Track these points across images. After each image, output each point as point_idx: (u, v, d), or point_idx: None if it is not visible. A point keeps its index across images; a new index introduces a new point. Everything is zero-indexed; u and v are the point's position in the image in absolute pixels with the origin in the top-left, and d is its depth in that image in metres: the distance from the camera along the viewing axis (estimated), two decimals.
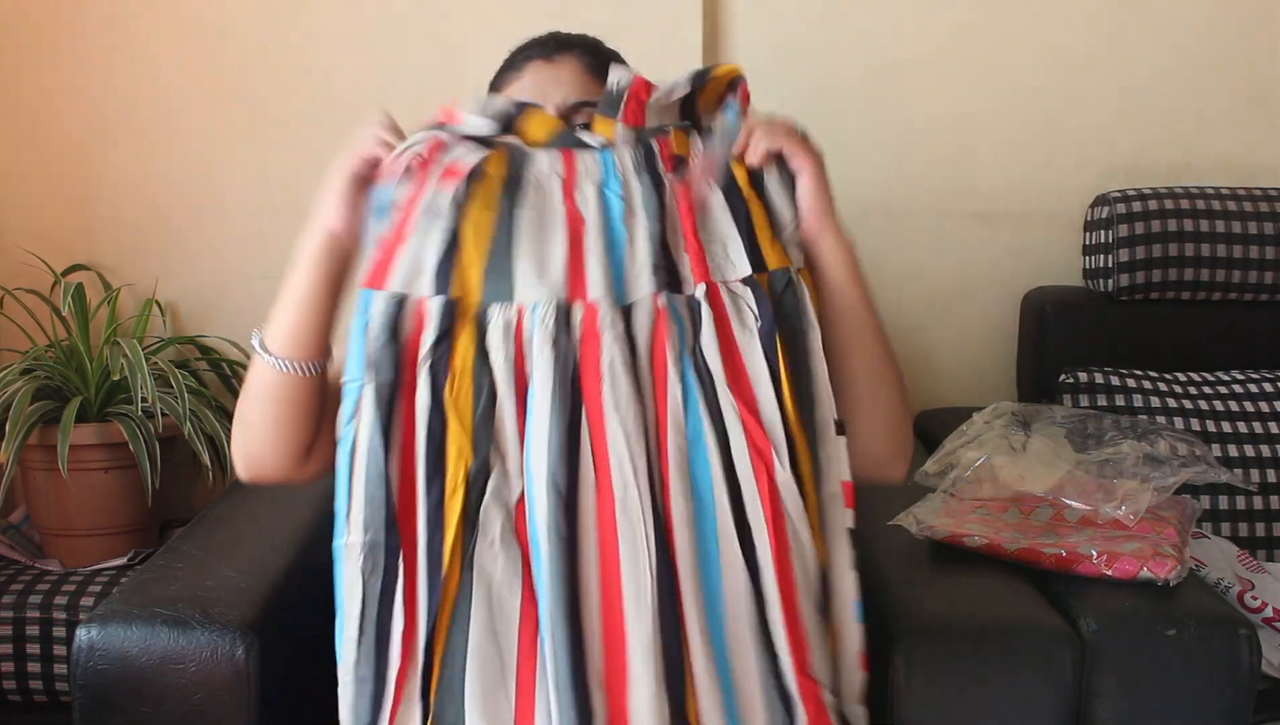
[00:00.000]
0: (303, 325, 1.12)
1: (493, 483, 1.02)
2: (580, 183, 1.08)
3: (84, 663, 1.16)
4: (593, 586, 1.00)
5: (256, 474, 1.17)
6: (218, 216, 2.03)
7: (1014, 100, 2.04)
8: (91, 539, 1.82)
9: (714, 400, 1.03)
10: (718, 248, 1.08)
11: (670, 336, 1.04)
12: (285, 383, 1.12)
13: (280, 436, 1.14)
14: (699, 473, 1.03)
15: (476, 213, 1.06)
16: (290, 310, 1.12)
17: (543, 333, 1.02)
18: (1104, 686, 1.23)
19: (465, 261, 1.04)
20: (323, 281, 1.12)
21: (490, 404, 1.02)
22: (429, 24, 1.98)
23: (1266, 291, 1.90)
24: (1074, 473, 1.46)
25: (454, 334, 1.03)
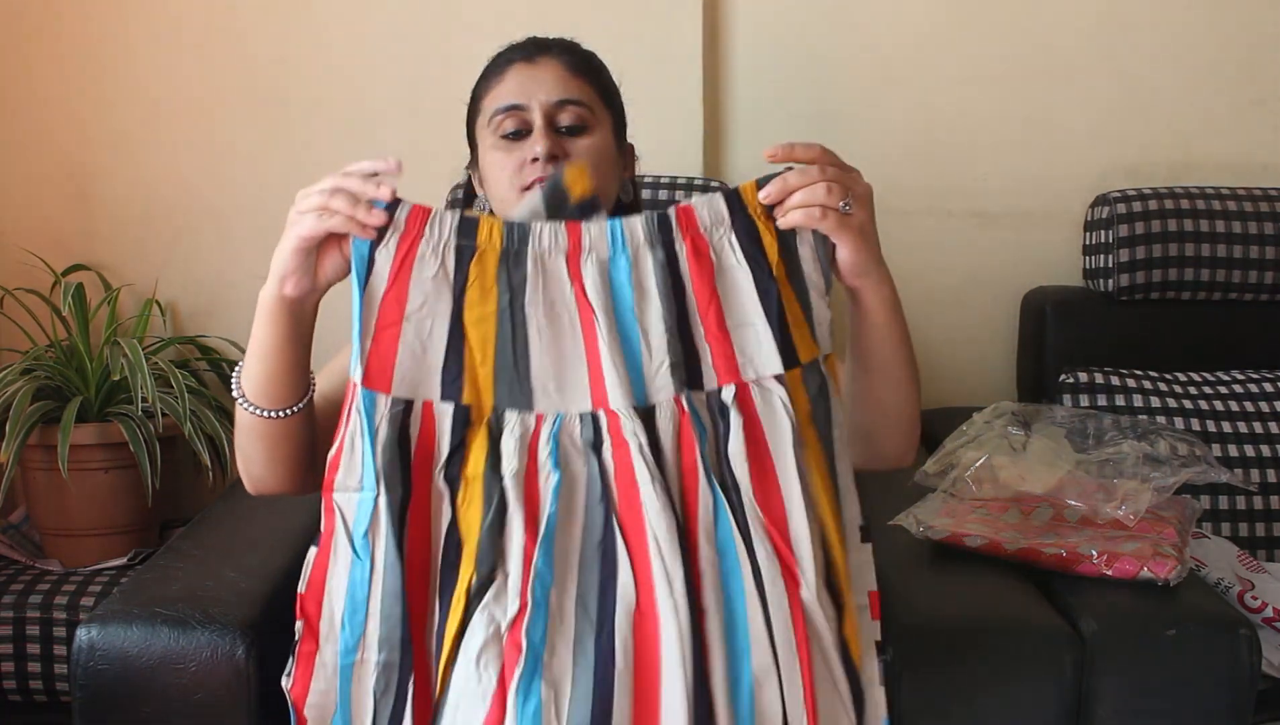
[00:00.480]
0: (273, 376, 1.10)
1: (487, 598, 0.98)
2: (585, 260, 1.01)
3: (84, 663, 1.16)
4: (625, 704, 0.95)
5: (261, 492, 1.18)
6: (218, 216, 2.03)
7: (1014, 100, 2.04)
8: (91, 539, 1.82)
9: (740, 512, 0.99)
10: (747, 336, 1.01)
11: (695, 441, 1.00)
12: (267, 425, 1.12)
13: (276, 464, 1.15)
14: (732, 587, 0.98)
15: (477, 303, 1.01)
16: (258, 364, 1.10)
17: (565, 446, 0.99)
18: (1104, 686, 1.23)
19: (473, 362, 1.01)
20: (285, 337, 1.09)
21: (500, 515, 0.99)
22: (429, 25, 1.98)
23: (1266, 291, 1.90)
24: (1074, 473, 1.46)
25: (468, 441, 1.00)
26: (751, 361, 1.01)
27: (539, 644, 0.96)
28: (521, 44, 1.29)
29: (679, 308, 1.01)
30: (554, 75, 1.24)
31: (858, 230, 1.05)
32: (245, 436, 1.14)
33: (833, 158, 1.05)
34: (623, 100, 1.31)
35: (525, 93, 1.22)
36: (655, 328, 1.01)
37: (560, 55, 1.26)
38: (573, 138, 1.21)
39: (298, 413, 1.12)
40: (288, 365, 1.10)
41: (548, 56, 1.26)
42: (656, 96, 1.97)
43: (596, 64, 1.30)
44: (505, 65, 1.27)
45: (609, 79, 1.31)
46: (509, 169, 1.20)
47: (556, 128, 1.21)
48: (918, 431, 1.19)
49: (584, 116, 1.23)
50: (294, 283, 1.06)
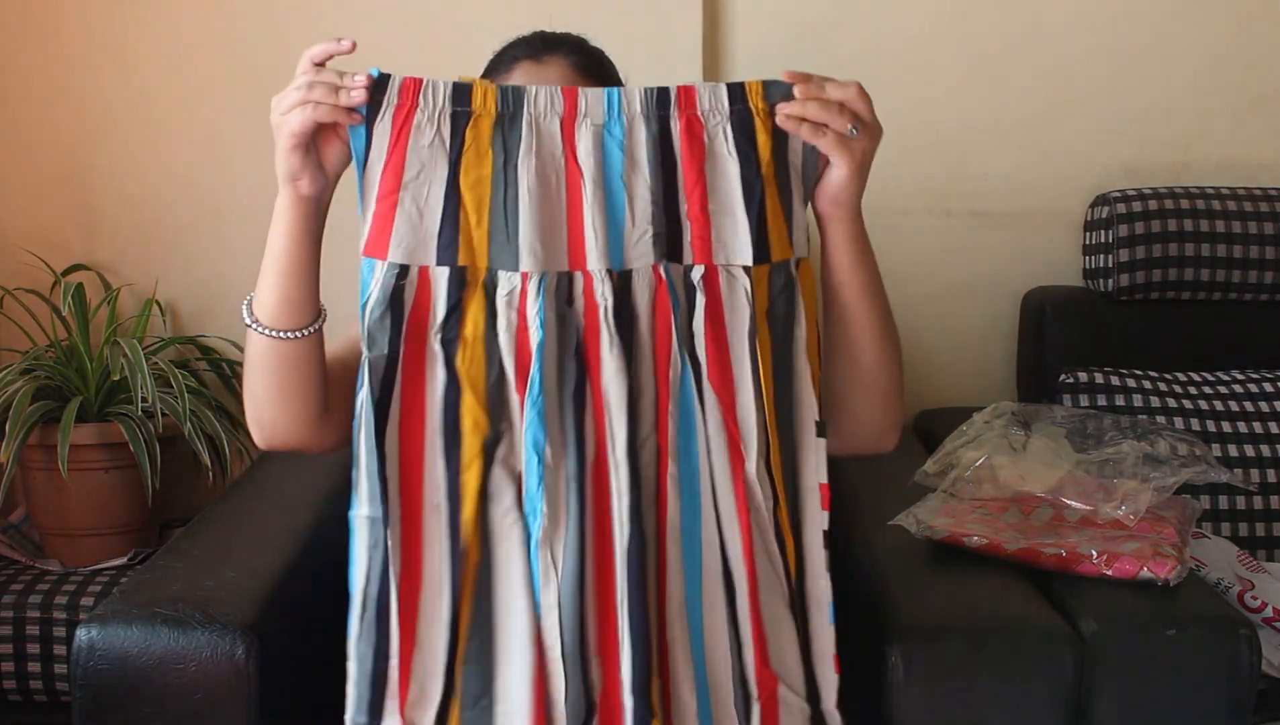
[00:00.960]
0: (286, 291, 1.11)
1: (501, 452, 1.02)
2: (580, 124, 1.04)
3: (84, 663, 1.16)
4: (590, 559, 1.01)
5: (272, 441, 1.17)
6: (218, 216, 2.03)
7: (1014, 100, 2.04)
8: (91, 539, 1.82)
9: (701, 384, 1.04)
10: (725, 223, 1.05)
11: (670, 310, 1.03)
12: (280, 349, 1.12)
13: (287, 402, 1.14)
14: (691, 448, 1.03)
15: (472, 166, 1.03)
16: (272, 278, 1.11)
17: (547, 305, 1.01)
18: (1104, 686, 1.23)
19: (469, 224, 1.03)
20: (299, 242, 1.10)
21: (501, 373, 1.02)
22: (430, 24, 1.98)
23: (1266, 291, 1.90)
24: (1074, 473, 1.46)
25: (464, 302, 1.03)
26: (725, 247, 1.04)
27: (536, 493, 1.00)
28: (529, 40, 1.29)
29: (667, 181, 1.04)
30: (560, 76, 1.24)
31: (855, 155, 1.07)
32: (257, 372, 1.13)
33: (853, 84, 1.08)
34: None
35: None
36: (641, 197, 1.03)
37: (568, 55, 1.26)
38: None
39: (310, 335, 1.12)
40: (303, 273, 1.11)
41: (555, 56, 1.25)
42: None
43: (604, 63, 1.30)
44: (512, 63, 1.26)
45: (616, 78, 1.31)
46: None
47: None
48: (899, 411, 1.18)
49: None
50: (308, 180, 1.07)
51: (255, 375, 1.14)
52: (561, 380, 1.02)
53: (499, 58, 1.30)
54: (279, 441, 1.17)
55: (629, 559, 1.00)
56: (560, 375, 1.02)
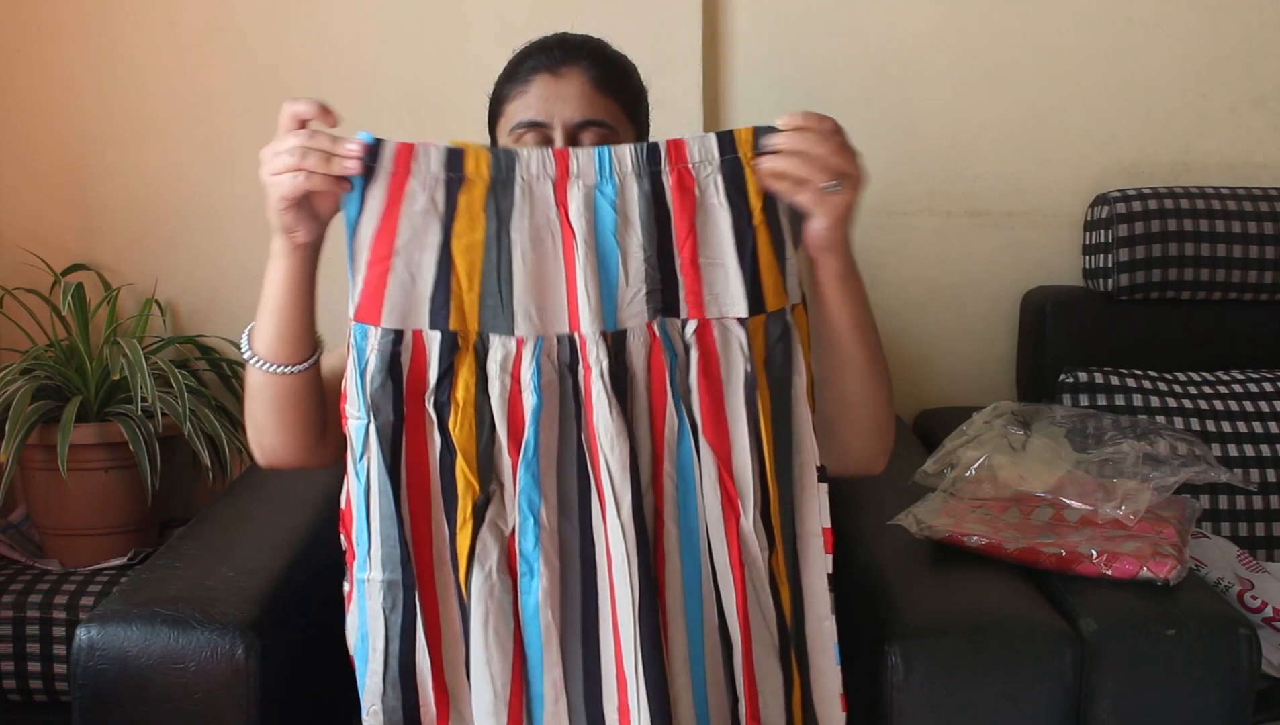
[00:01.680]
0: (283, 329, 1.12)
1: (490, 513, 1.03)
2: (572, 184, 1.03)
3: (84, 663, 1.16)
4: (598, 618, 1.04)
5: (273, 462, 1.19)
6: (218, 216, 2.03)
7: (1014, 100, 2.04)
8: (91, 539, 1.82)
9: (698, 441, 1.04)
10: (717, 276, 1.04)
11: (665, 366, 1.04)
12: (278, 382, 1.13)
13: (287, 429, 1.16)
14: (689, 506, 1.04)
15: (465, 232, 1.03)
16: (269, 317, 1.12)
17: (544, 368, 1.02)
18: (1104, 686, 1.23)
19: (459, 288, 1.03)
20: (296, 285, 1.11)
21: (491, 435, 1.03)
22: (430, 23, 1.98)
23: (1266, 291, 1.90)
24: (1074, 472, 1.46)
25: (456, 367, 1.03)
26: (717, 300, 1.04)
27: (532, 554, 1.02)
28: (549, 45, 1.26)
29: (661, 236, 1.03)
30: (579, 91, 1.22)
31: (836, 209, 1.05)
32: (257, 401, 1.15)
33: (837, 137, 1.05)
34: (649, 100, 1.30)
35: (548, 110, 1.21)
36: (635, 255, 1.03)
37: (588, 67, 1.24)
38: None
39: (309, 368, 1.14)
40: (300, 312, 1.11)
41: (574, 68, 1.23)
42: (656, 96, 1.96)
43: (624, 71, 1.28)
44: (530, 74, 1.24)
45: (637, 84, 1.29)
46: None
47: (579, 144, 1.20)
48: (887, 438, 1.19)
49: (606, 137, 1.21)
50: (303, 231, 1.07)
51: (255, 404, 1.16)
52: (561, 443, 1.03)
53: (517, 65, 1.27)
54: (279, 462, 1.19)
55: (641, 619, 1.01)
56: (560, 438, 1.03)
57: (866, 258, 1.16)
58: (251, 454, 1.21)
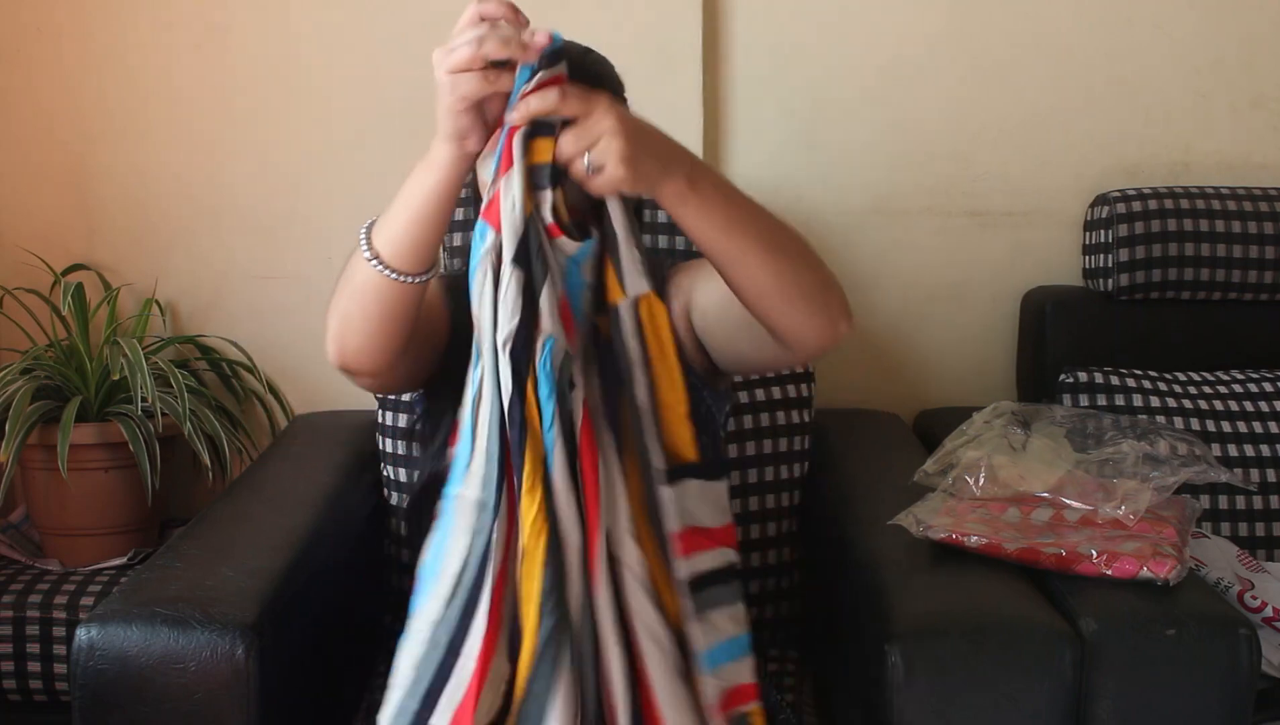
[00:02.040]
0: (423, 237, 1.07)
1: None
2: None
3: (84, 663, 1.16)
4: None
5: (348, 364, 1.15)
6: (218, 216, 2.03)
7: (1014, 100, 2.04)
8: (91, 539, 1.82)
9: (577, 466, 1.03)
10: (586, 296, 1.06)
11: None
12: (392, 288, 1.09)
13: (380, 335, 1.12)
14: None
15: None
16: (409, 224, 1.07)
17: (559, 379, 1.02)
18: (1104, 686, 1.23)
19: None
20: (448, 193, 1.06)
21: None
22: (431, 24, 1.98)
23: (1266, 291, 1.90)
24: (1074, 472, 1.46)
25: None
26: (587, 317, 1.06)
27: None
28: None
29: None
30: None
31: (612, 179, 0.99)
32: (357, 300, 1.11)
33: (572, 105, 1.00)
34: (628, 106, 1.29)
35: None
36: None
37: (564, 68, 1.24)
38: None
39: (427, 280, 1.10)
40: (440, 224, 1.07)
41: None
42: (656, 96, 1.97)
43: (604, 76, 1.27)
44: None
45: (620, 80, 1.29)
46: None
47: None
48: (833, 300, 1.11)
49: None
50: (476, 138, 1.02)
51: (354, 302, 1.11)
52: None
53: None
54: (354, 365, 1.15)
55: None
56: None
57: (867, 257, 1.16)
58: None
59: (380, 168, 1.99)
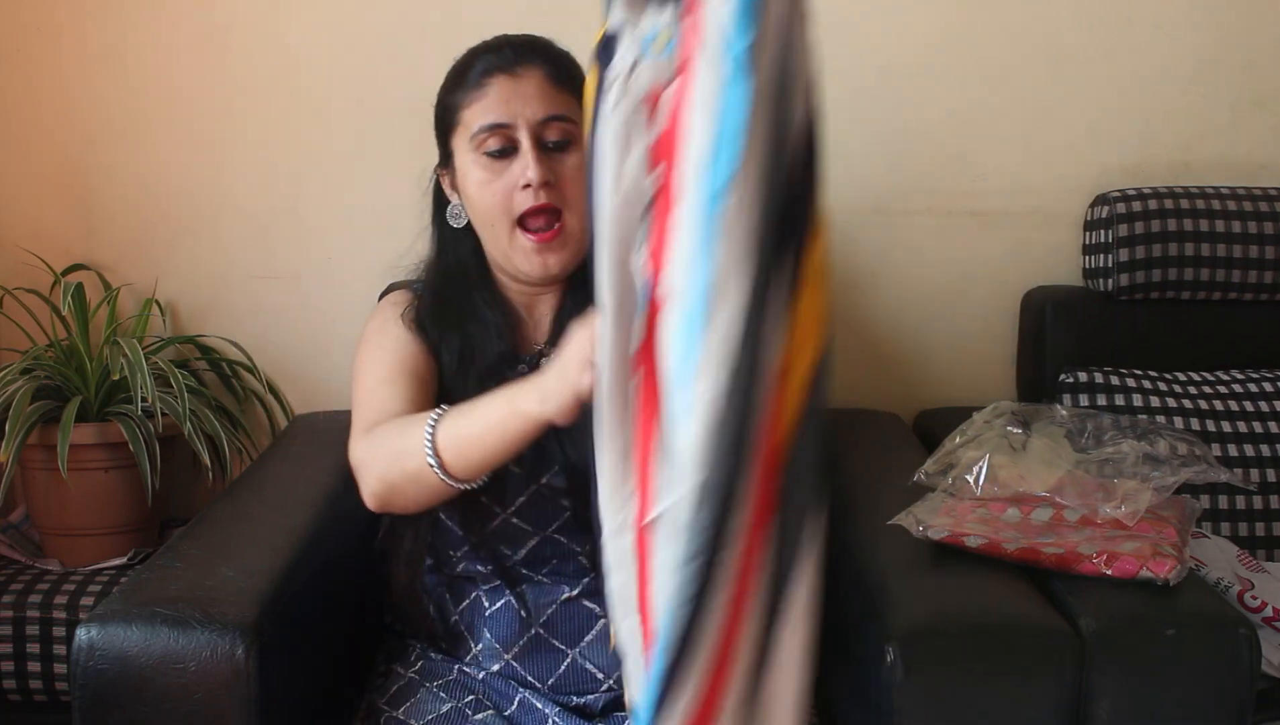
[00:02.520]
0: (490, 463, 1.14)
1: None
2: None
3: (84, 663, 1.16)
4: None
5: (390, 511, 1.24)
6: (218, 216, 2.03)
7: (1014, 100, 2.04)
8: (91, 539, 1.82)
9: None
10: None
11: None
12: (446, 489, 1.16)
13: (417, 506, 1.21)
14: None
15: None
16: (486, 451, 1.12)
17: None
18: (1104, 686, 1.23)
19: None
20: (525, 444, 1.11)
21: None
22: (431, 25, 1.98)
23: (1266, 291, 1.90)
24: (1074, 473, 1.46)
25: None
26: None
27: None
28: (497, 50, 1.26)
29: None
30: (538, 89, 1.22)
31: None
32: (417, 486, 1.17)
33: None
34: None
35: (510, 110, 1.21)
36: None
37: (542, 65, 1.24)
38: (560, 154, 1.21)
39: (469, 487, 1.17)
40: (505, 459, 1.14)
41: (530, 67, 1.24)
42: None
43: (575, 66, 1.28)
44: (484, 77, 1.24)
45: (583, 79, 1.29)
46: (498, 193, 1.20)
47: (543, 144, 1.20)
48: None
49: (570, 131, 1.22)
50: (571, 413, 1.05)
51: (414, 488, 1.17)
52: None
53: (465, 69, 1.27)
54: (398, 512, 1.26)
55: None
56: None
57: (867, 257, 1.16)
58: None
59: (380, 168, 2.00)
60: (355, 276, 1.97)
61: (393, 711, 1.28)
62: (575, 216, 1.24)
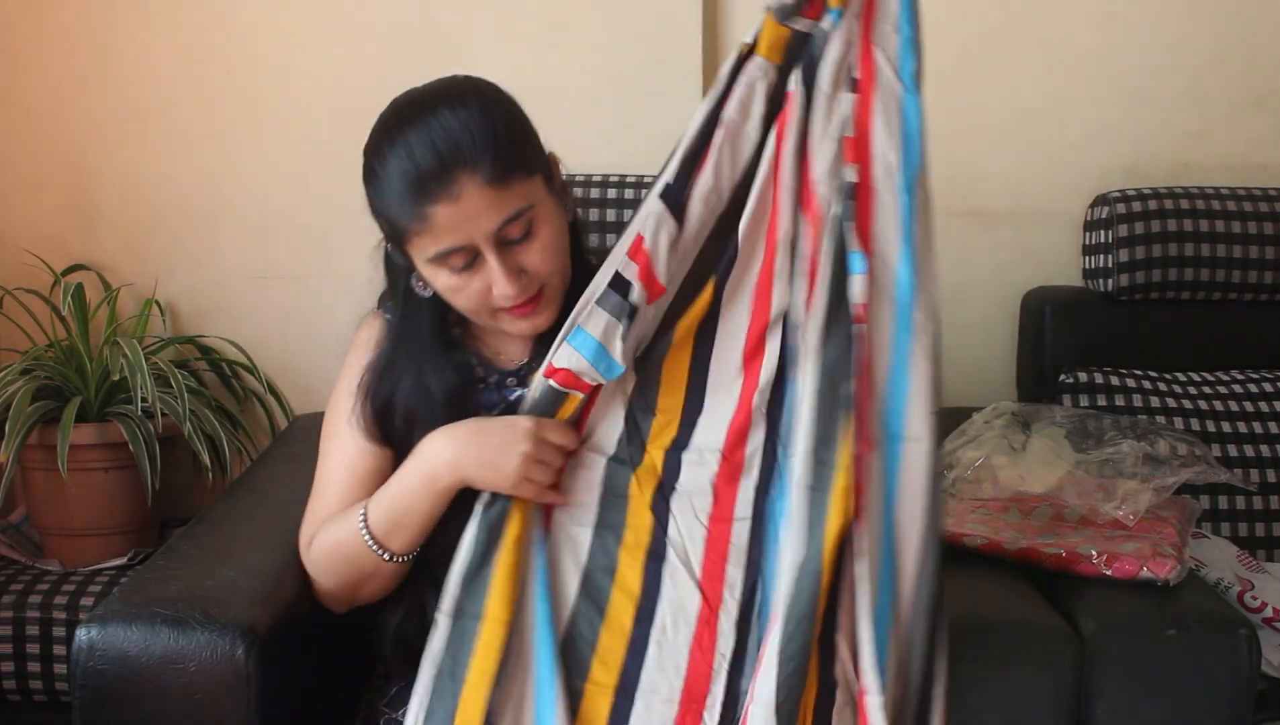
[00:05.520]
0: (415, 532, 1.17)
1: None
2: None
3: (84, 663, 1.16)
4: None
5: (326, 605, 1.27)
6: (218, 216, 2.03)
7: (1014, 100, 2.04)
8: (91, 539, 1.82)
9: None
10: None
11: None
12: (380, 565, 1.19)
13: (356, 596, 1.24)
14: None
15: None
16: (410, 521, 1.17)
17: None
18: (1104, 686, 1.23)
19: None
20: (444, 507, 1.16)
21: None
22: (428, 24, 1.98)
23: (1266, 291, 1.90)
24: (1074, 473, 1.46)
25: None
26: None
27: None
28: (423, 162, 1.10)
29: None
30: (483, 203, 1.09)
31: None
32: (350, 566, 1.20)
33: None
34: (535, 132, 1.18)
35: (461, 235, 1.10)
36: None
37: (476, 170, 1.09)
38: (527, 240, 1.13)
39: (409, 560, 1.19)
40: (431, 524, 1.17)
41: (466, 180, 1.09)
42: (656, 96, 1.97)
43: (507, 137, 1.12)
44: (420, 206, 1.10)
45: (522, 132, 1.16)
46: (472, 297, 1.15)
47: (507, 242, 1.13)
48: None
49: (529, 217, 1.13)
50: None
51: (347, 569, 1.21)
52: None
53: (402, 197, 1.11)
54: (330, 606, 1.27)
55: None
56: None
57: None
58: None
59: None
60: (355, 276, 1.96)
61: (392, 713, 1.28)
62: (555, 277, 1.17)
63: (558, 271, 1.17)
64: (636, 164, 1.84)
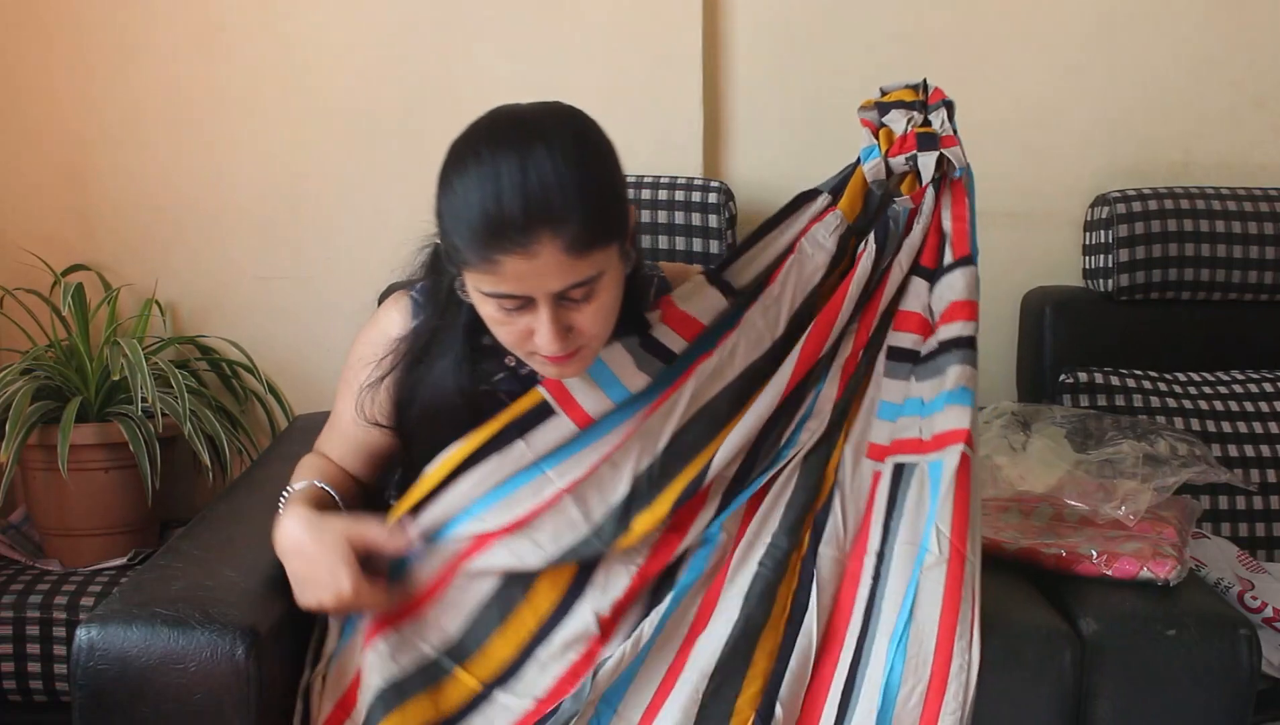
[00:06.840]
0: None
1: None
2: None
3: (84, 663, 1.15)
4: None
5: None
6: (218, 217, 2.03)
7: (1014, 100, 2.04)
8: (91, 539, 1.82)
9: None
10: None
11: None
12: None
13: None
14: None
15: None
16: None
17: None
18: (1104, 686, 1.23)
19: None
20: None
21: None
22: (429, 24, 1.98)
23: (1266, 291, 1.90)
24: (1074, 473, 1.46)
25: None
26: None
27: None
28: (510, 215, 1.03)
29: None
30: (556, 266, 1.05)
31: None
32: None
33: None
34: (626, 192, 1.14)
35: (524, 286, 1.06)
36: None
37: (558, 235, 1.03)
38: (582, 305, 1.09)
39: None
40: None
41: (547, 241, 1.03)
42: (656, 96, 1.97)
43: (601, 196, 1.08)
44: (493, 251, 1.04)
45: (612, 192, 1.10)
46: (513, 333, 1.11)
47: (563, 299, 1.09)
48: None
49: (595, 286, 1.09)
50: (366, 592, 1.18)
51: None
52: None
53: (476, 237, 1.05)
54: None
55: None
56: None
57: None
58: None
59: (380, 168, 2.00)
60: (355, 277, 1.97)
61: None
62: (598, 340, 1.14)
63: (603, 334, 1.14)
64: (636, 164, 1.84)
